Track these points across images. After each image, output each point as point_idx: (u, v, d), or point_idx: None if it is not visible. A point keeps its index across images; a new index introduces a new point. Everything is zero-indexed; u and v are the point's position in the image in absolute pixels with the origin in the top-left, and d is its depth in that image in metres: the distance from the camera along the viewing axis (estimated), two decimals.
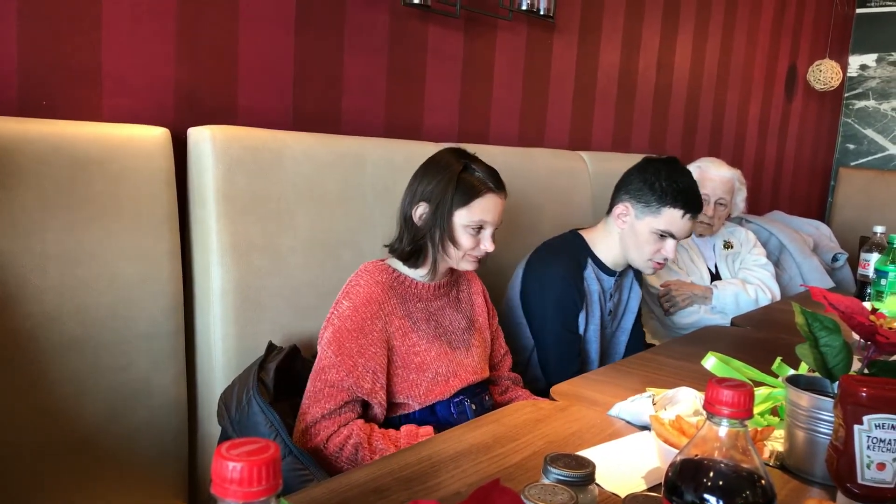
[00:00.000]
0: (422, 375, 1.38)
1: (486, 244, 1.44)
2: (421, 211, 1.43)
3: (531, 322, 1.81)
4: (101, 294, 1.34)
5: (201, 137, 1.46)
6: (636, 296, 1.96)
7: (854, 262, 2.66)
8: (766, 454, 1.03)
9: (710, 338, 1.76)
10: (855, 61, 4.48)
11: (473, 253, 1.44)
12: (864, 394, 0.81)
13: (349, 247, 1.65)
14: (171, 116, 1.55)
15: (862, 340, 1.02)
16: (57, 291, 1.28)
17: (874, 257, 2.17)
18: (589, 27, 2.65)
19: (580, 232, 1.89)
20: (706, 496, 0.64)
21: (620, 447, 1.06)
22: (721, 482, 0.64)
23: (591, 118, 2.77)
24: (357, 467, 0.99)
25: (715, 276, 2.48)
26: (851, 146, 4.53)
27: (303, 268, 1.57)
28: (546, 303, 1.79)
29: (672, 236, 1.75)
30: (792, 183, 4.28)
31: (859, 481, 0.83)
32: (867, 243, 2.31)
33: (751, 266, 2.52)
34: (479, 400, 1.46)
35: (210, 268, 1.46)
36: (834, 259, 3.28)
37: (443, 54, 2.13)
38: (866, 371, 0.99)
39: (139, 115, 1.49)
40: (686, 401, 1.12)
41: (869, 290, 2.10)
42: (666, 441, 0.94)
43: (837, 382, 0.90)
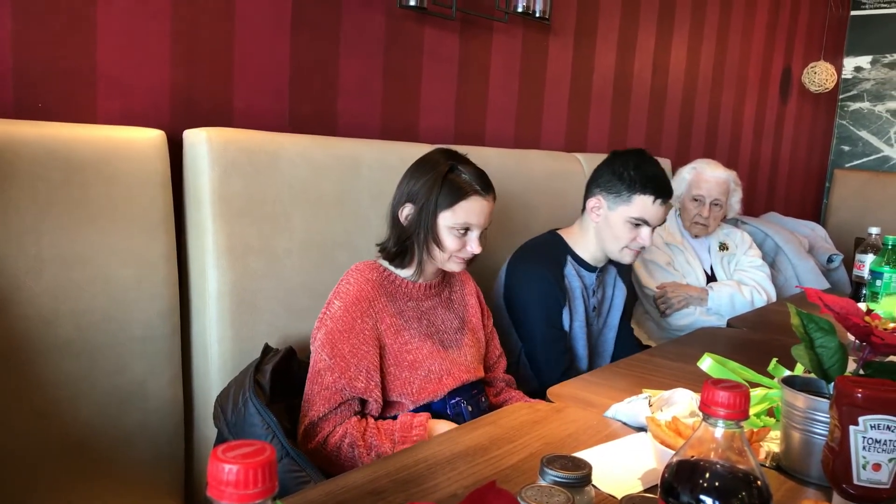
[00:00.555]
0: (414, 373, 1.37)
1: (473, 246, 1.42)
2: (407, 211, 1.42)
3: (516, 322, 1.83)
4: (97, 297, 1.33)
5: (197, 140, 1.46)
6: (621, 292, 1.98)
7: (849, 264, 2.66)
8: (762, 455, 1.03)
9: (706, 339, 1.77)
10: (849, 63, 4.49)
11: (460, 255, 1.43)
12: (860, 395, 0.82)
13: (345, 249, 1.65)
14: (167, 118, 1.54)
15: (857, 341, 1.02)
16: (52, 294, 1.28)
17: (869, 258, 2.18)
18: (584, 29, 2.66)
19: (558, 231, 1.93)
20: (702, 497, 0.64)
21: (617, 449, 1.06)
22: (717, 483, 0.64)
23: (587, 120, 2.77)
24: (354, 469, 0.99)
25: (711, 278, 2.49)
26: (846, 148, 4.55)
27: (299, 270, 1.57)
28: (528, 302, 1.81)
29: (646, 223, 1.78)
30: (787, 184, 4.29)
31: (855, 482, 0.83)
32: (862, 244, 2.32)
33: (746, 267, 2.52)
34: (476, 401, 1.46)
35: (206, 270, 1.46)
36: (829, 260, 3.29)
37: (439, 56, 2.13)
38: (862, 372, 0.99)
39: (135, 118, 1.49)
40: (682, 402, 1.12)
41: (864, 292, 2.11)
42: (662, 442, 0.94)
43: (833, 383, 0.90)
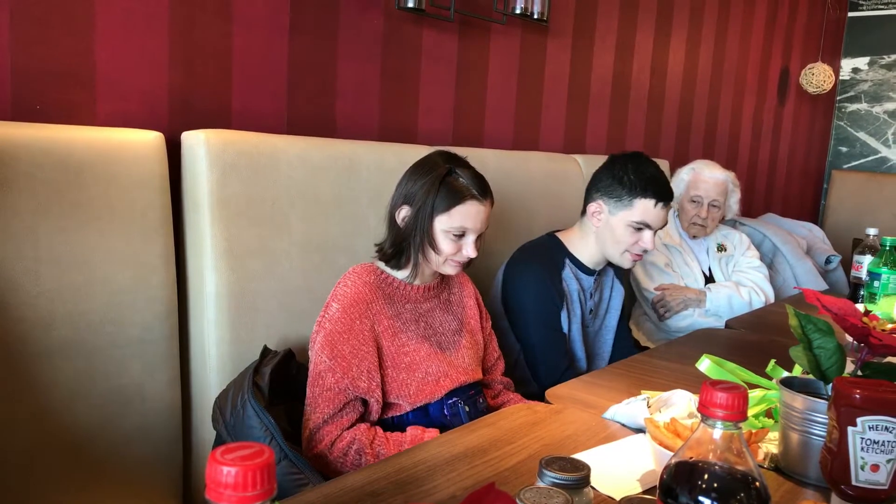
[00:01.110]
0: (412, 375, 1.37)
1: (468, 250, 1.42)
2: (404, 213, 1.42)
3: (514, 324, 1.83)
4: (95, 299, 1.33)
5: (195, 141, 1.46)
6: (618, 294, 1.98)
7: (847, 265, 2.67)
8: (761, 456, 1.03)
9: (705, 340, 1.77)
10: (847, 64, 4.50)
11: (455, 258, 1.42)
12: (858, 395, 0.82)
13: (343, 250, 1.65)
14: (165, 120, 1.54)
15: (855, 342, 1.02)
16: (49, 296, 1.28)
17: (867, 259, 2.18)
18: (583, 31, 2.66)
19: (557, 234, 1.92)
20: (701, 498, 0.64)
21: (615, 450, 1.06)
22: (716, 484, 0.64)
23: (586, 121, 2.77)
24: (352, 471, 0.99)
25: (709, 279, 2.49)
26: (844, 149, 4.55)
27: (297, 272, 1.57)
28: (526, 304, 1.80)
29: (648, 227, 1.78)
30: (785, 185, 4.30)
31: (853, 483, 0.83)
32: (860, 245, 2.32)
33: (744, 268, 2.53)
34: (473, 402, 1.46)
35: (204, 272, 1.46)
36: (827, 261, 3.30)
37: (437, 58, 2.13)
38: (860, 373, 0.99)
39: (133, 119, 1.49)
40: (681, 403, 1.12)
41: (862, 292, 2.11)
42: (661, 443, 0.94)
43: (831, 384, 0.90)
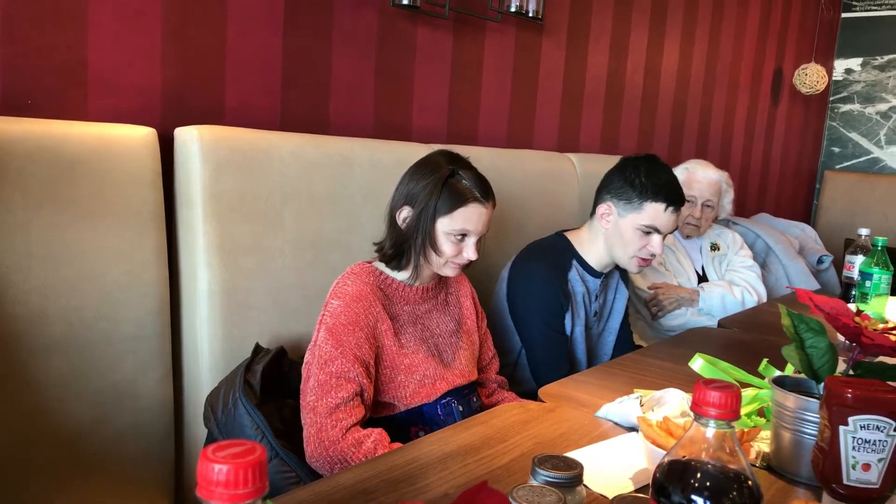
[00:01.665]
0: (409, 377, 1.37)
1: (469, 252, 1.41)
2: (405, 214, 1.41)
3: (518, 324, 1.81)
4: (87, 295, 1.32)
5: (188, 137, 1.45)
6: (622, 297, 1.96)
7: (839, 265, 2.68)
8: (753, 455, 1.03)
9: (698, 339, 1.77)
10: (840, 65, 4.52)
11: (456, 260, 1.42)
12: (850, 395, 0.82)
13: (337, 248, 1.65)
14: (158, 116, 1.54)
15: (847, 342, 1.02)
16: (41, 292, 1.27)
17: (859, 259, 2.19)
18: (577, 30, 2.66)
19: (566, 234, 1.90)
20: (693, 497, 0.64)
21: (608, 448, 1.06)
22: (708, 483, 0.64)
23: (580, 120, 2.78)
24: (344, 469, 0.99)
25: (702, 278, 2.50)
26: (837, 149, 4.57)
27: (290, 269, 1.57)
28: (531, 304, 1.79)
29: (657, 231, 1.76)
30: (778, 185, 4.31)
31: (845, 482, 0.83)
32: (852, 246, 2.33)
33: (737, 268, 2.53)
34: (467, 401, 1.46)
35: (197, 269, 1.45)
36: (819, 261, 3.31)
37: (431, 55, 2.13)
38: (851, 372, 0.99)
39: (126, 115, 1.48)
40: (673, 402, 1.12)
41: (854, 292, 2.12)
42: (653, 442, 0.94)
43: (823, 384, 0.90)
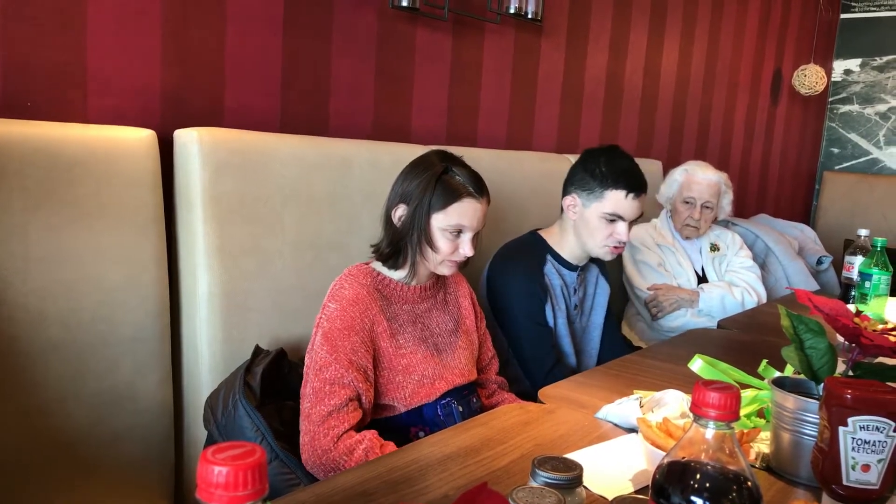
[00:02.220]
0: (408, 378, 1.37)
1: (465, 249, 1.41)
2: (400, 212, 1.42)
3: (501, 322, 1.84)
4: (86, 297, 1.32)
5: (188, 139, 1.45)
6: (603, 291, 2.00)
7: (838, 265, 2.68)
8: (752, 456, 1.03)
9: (697, 340, 1.77)
10: (839, 66, 4.52)
11: (452, 257, 1.42)
12: (849, 396, 0.82)
13: (337, 249, 1.65)
14: (158, 118, 1.54)
15: (846, 342, 1.02)
16: (40, 295, 1.27)
17: (858, 260, 2.19)
18: (576, 31, 2.66)
19: (539, 231, 1.95)
20: (693, 498, 0.64)
21: (608, 450, 1.06)
22: (708, 484, 0.64)
23: (579, 121, 2.78)
24: (344, 471, 0.99)
25: (702, 279, 2.50)
26: (836, 150, 4.57)
27: (290, 271, 1.57)
28: (511, 300, 1.82)
29: (620, 218, 1.79)
30: (777, 186, 4.31)
31: (844, 483, 0.83)
32: (851, 246, 2.33)
33: (737, 268, 2.54)
34: (467, 402, 1.46)
35: (196, 271, 1.45)
36: (818, 262, 3.31)
37: (431, 57, 2.13)
38: (851, 373, 0.99)
39: (125, 117, 1.48)
40: (673, 403, 1.12)
41: (853, 293, 2.12)
42: (653, 443, 0.94)
43: (822, 385, 0.90)
